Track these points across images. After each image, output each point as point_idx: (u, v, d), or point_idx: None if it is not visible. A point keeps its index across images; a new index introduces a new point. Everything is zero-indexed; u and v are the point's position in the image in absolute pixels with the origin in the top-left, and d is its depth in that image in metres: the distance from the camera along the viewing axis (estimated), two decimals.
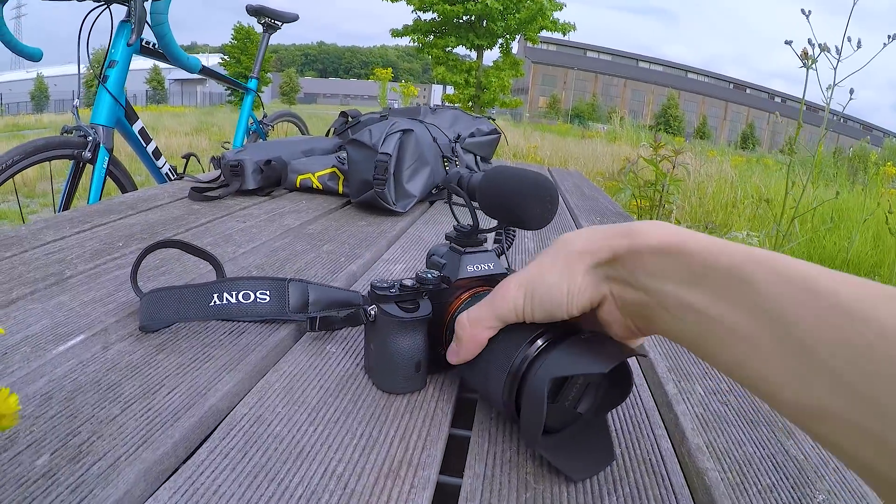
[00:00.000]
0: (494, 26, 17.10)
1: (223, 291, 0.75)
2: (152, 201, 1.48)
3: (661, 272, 0.46)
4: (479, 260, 0.70)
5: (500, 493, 0.51)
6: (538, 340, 0.54)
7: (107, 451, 0.51)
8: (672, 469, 0.58)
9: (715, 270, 0.43)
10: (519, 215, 0.66)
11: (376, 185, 1.50)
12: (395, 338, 0.65)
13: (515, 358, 0.54)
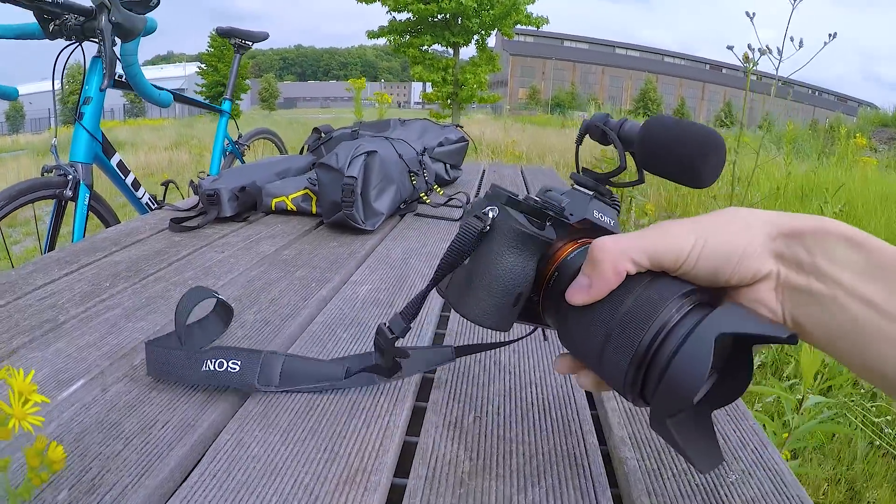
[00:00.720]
0: (469, 23, 17.19)
1: (207, 359, 0.78)
2: (134, 235, 1.56)
3: (843, 259, 0.44)
4: (604, 210, 0.62)
5: (438, 491, 0.61)
6: (694, 295, 0.49)
7: (115, 482, 0.60)
8: (594, 460, 0.67)
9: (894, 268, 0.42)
10: (693, 166, 0.57)
11: (345, 207, 1.58)
12: (507, 253, 0.57)
13: (667, 307, 0.47)
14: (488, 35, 18.07)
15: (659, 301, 0.48)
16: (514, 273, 0.57)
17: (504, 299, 0.58)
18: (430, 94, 18.26)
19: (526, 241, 0.57)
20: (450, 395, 0.81)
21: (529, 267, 0.58)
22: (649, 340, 0.47)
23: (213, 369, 0.76)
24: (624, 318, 0.49)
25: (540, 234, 0.57)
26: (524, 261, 0.58)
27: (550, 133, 13.60)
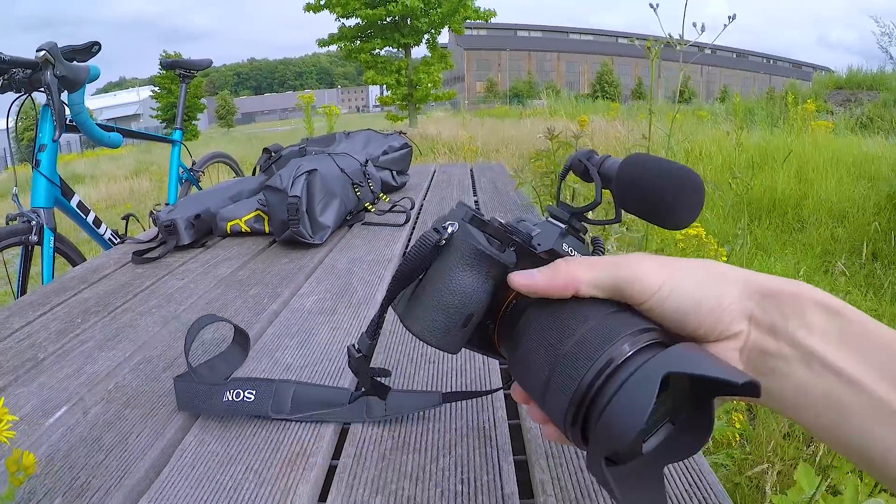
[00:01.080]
0: (418, 23, 17.25)
1: (227, 390, 0.86)
2: (100, 271, 1.66)
3: (818, 327, 0.42)
4: (576, 245, 0.60)
5: (364, 465, 0.75)
6: (653, 332, 0.46)
7: (100, 485, 0.72)
8: (501, 432, 0.81)
9: (870, 339, 0.41)
10: (667, 207, 0.55)
11: (292, 225, 1.70)
12: (461, 270, 0.55)
13: (619, 340, 0.45)
14: (438, 34, 18.13)
15: (611, 334, 0.46)
16: (467, 292, 0.55)
17: (453, 318, 0.56)
18: (385, 98, 18.32)
19: (482, 260, 0.54)
20: None
21: (483, 289, 0.56)
22: (593, 377, 0.44)
23: (231, 399, 0.84)
24: (572, 349, 0.47)
25: (498, 256, 0.55)
26: (478, 281, 0.55)
27: (508, 125, 13.67)
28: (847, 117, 10.38)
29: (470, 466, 0.75)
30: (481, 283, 0.55)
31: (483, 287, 0.55)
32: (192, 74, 3.42)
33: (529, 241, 0.57)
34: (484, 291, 0.56)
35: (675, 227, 0.56)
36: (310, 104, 4.93)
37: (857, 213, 4.41)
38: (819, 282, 3.44)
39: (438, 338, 0.56)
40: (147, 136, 3.42)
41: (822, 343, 0.42)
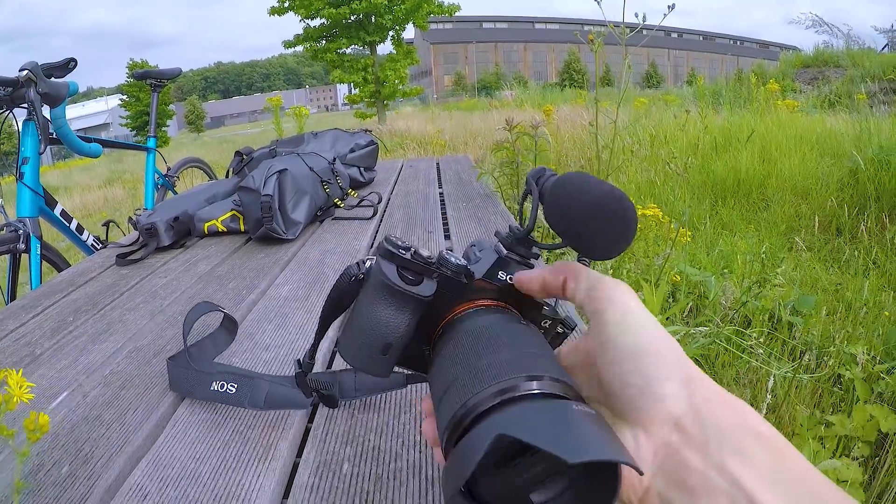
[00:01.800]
0: (382, 20, 17.23)
1: (214, 380, 0.93)
2: (86, 274, 1.75)
3: (754, 461, 0.37)
4: (516, 272, 0.58)
5: (336, 423, 0.86)
6: (544, 381, 0.43)
7: (103, 454, 0.84)
8: None
9: (803, 485, 0.36)
10: (582, 235, 0.52)
11: (266, 222, 1.81)
12: (376, 303, 0.56)
13: (521, 378, 0.43)
14: (403, 30, 18.13)
15: (521, 368, 0.44)
16: (382, 324, 0.56)
17: (372, 347, 0.57)
18: (353, 96, 18.33)
19: (393, 294, 0.55)
20: None
21: (401, 320, 0.56)
22: (461, 414, 0.42)
23: (217, 389, 0.91)
24: (475, 371, 0.45)
25: (409, 290, 0.55)
26: (394, 313, 0.56)
27: (476, 118, 13.66)
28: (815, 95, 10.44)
29: None
30: (398, 315, 0.56)
31: (400, 318, 0.56)
32: (163, 83, 3.49)
33: (459, 272, 0.57)
34: (402, 322, 0.56)
35: (599, 257, 0.53)
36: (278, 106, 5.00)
37: (821, 190, 4.48)
38: (784, 258, 3.52)
39: (363, 363, 0.58)
40: (123, 146, 3.50)
41: (754, 476, 0.36)
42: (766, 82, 8.35)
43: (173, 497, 0.73)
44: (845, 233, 3.90)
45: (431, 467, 0.76)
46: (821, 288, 3.06)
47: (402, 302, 0.56)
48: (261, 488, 0.74)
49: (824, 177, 4.71)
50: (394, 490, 0.73)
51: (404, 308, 0.56)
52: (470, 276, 0.57)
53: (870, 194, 4.07)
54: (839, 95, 9.80)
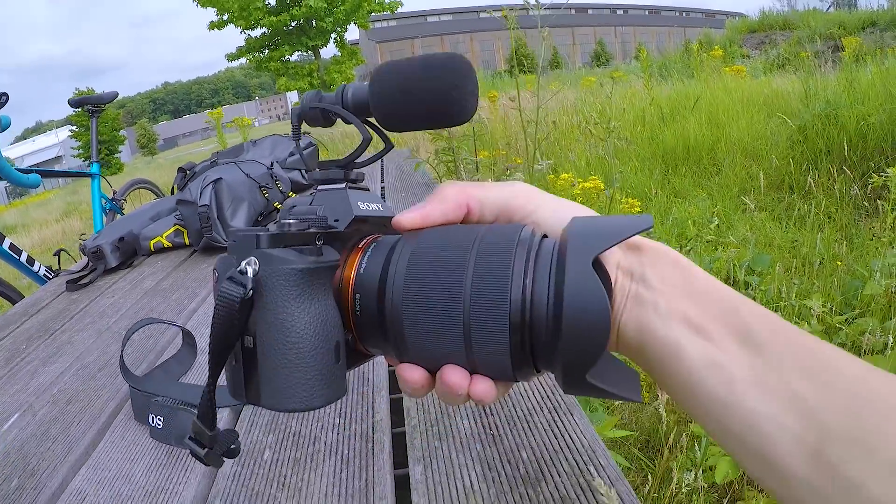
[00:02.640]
0: (323, 24, 17.21)
1: (151, 412, 0.90)
2: (39, 303, 1.78)
3: (667, 276, 0.44)
4: (366, 198, 0.55)
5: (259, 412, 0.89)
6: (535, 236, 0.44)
7: (48, 465, 0.88)
8: (378, 373, 0.97)
9: (711, 293, 0.42)
10: (450, 101, 0.51)
11: (205, 232, 1.84)
12: (297, 306, 0.44)
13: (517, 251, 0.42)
14: (345, 31, 18.12)
15: (503, 253, 0.42)
16: (318, 325, 0.45)
17: (323, 362, 0.45)
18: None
19: (312, 278, 0.45)
20: None
21: (330, 307, 0.47)
22: (519, 302, 0.41)
23: (152, 423, 0.88)
24: (474, 289, 0.42)
25: (324, 262, 0.46)
26: (322, 304, 0.46)
27: None
28: (763, 60, 10.54)
29: (347, 403, 0.91)
30: (325, 303, 0.46)
31: (329, 305, 0.47)
32: (101, 108, 3.51)
33: (326, 224, 0.50)
34: (332, 308, 0.47)
35: (463, 119, 0.53)
36: (219, 120, 5.03)
37: (771, 150, 4.54)
38: (738, 220, 3.59)
39: (325, 392, 0.46)
40: (64, 174, 3.52)
41: (670, 289, 0.42)
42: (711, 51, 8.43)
43: (108, 496, 0.77)
44: (797, 190, 3.96)
45: (347, 447, 0.80)
46: (776, 246, 3.13)
47: (323, 281, 0.46)
48: (187, 481, 0.78)
49: (773, 136, 4.77)
50: (310, 472, 0.76)
51: (326, 288, 0.47)
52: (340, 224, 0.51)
53: (820, 149, 4.13)
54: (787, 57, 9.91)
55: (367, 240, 0.52)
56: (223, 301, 0.42)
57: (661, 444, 1.68)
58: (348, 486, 0.72)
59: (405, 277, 0.45)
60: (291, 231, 0.46)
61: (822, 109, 4.24)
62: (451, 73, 0.51)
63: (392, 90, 0.52)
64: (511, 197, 0.49)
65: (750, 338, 0.38)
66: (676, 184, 4.58)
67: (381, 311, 0.46)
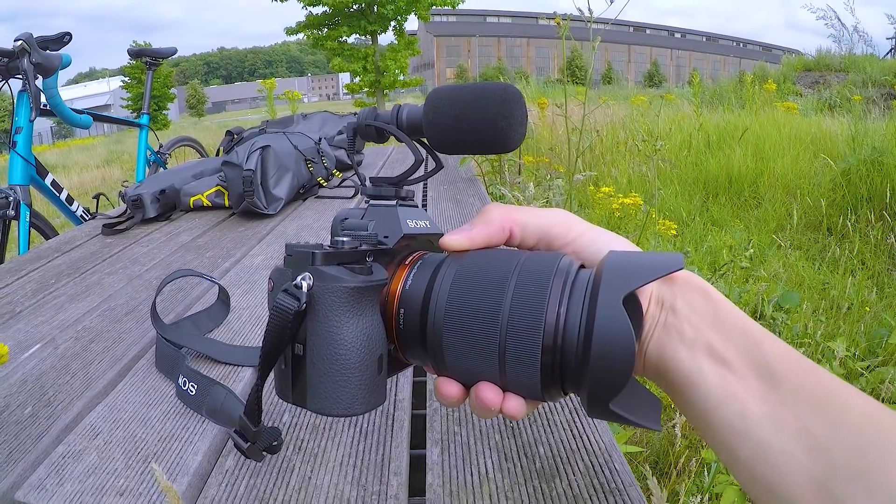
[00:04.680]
0: (384, 10, 17.20)
1: (181, 374, 0.86)
2: (73, 242, 1.80)
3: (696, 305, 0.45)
4: (415, 215, 0.57)
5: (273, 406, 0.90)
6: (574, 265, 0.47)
7: (65, 398, 0.88)
8: None
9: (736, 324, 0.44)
10: (499, 129, 0.53)
11: (247, 196, 1.86)
12: (346, 321, 0.47)
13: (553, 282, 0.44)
14: (405, 20, 18.08)
15: (541, 280, 0.44)
16: (364, 338, 0.48)
17: (367, 374, 0.49)
18: (353, 85, 18.31)
19: (361, 295, 0.48)
20: None
21: (376, 322, 0.49)
22: (552, 329, 0.43)
23: (180, 385, 0.86)
24: (512, 312, 0.44)
25: (373, 281, 0.48)
26: (369, 319, 0.49)
27: None
28: (815, 99, 10.44)
29: None
30: (372, 319, 0.49)
31: (375, 321, 0.49)
32: (158, 62, 3.55)
33: (377, 241, 0.53)
34: (378, 324, 0.50)
35: (509, 147, 0.55)
36: (272, 90, 5.08)
37: (813, 189, 4.50)
38: (772, 256, 3.56)
39: (366, 401, 0.49)
40: (116, 120, 3.55)
41: (697, 318, 0.44)
42: (765, 84, 8.37)
43: (121, 436, 0.78)
44: (835, 232, 3.93)
45: (367, 421, 0.80)
46: (806, 286, 3.10)
47: (371, 299, 0.49)
48: (204, 432, 0.78)
49: (817, 176, 4.74)
50: (327, 440, 0.76)
51: (374, 304, 0.50)
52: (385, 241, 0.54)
53: (861, 195, 4.09)
54: (839, 99, 9.80)
55: (415, 256, 0.55)
56: (278, 311, 0.47)
57: (671, 466, 1.67)
58: (364, 458, 0.73)
59: (448, 298, 0.48)
60: (344, 249, 0.49)
61: (868, 155, 4.20)
62: (502, 105, 0.53)
63: (446, 117, 0.55)
64: (552, 224, 0.52)
65: (768, 372, 0.40)
66: (715, 212, 4.56)
67: (422, 327, 0.49)
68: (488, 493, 0.66)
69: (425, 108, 0.56)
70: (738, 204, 4.77)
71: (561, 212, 0.53)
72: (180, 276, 1.12)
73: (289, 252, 0.49)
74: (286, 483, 0.69)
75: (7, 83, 2.29)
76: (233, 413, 0.76)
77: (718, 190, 5.02)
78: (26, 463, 0.73)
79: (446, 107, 0.55)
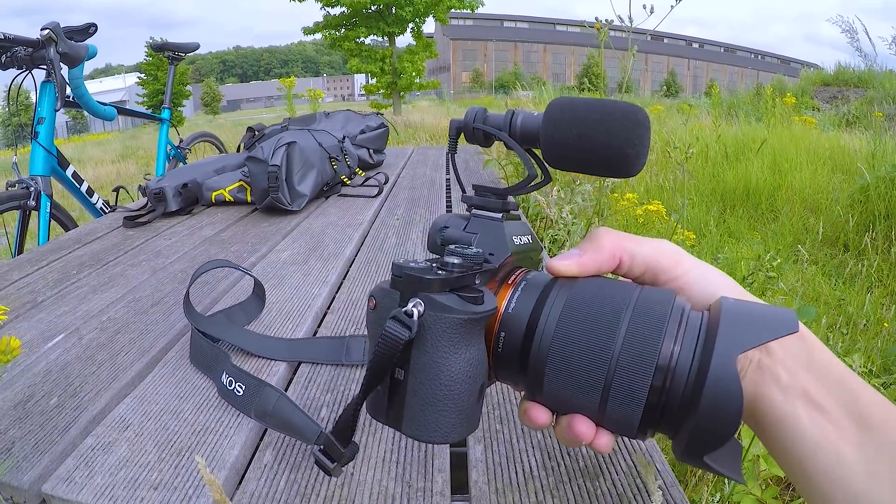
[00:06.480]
0: (403, 12, 17.19)
1: (225, 371, 0.84)
2: (93, 234, 1.78)
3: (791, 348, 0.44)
4: (518, 229, 0.54)
5: (320, 372, 0.90)
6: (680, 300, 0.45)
7: (91, 388, 0.86)
8: None
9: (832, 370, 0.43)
10: (621, 155, 0.49)
11: (272, 192, 1.84)
12: (454, 351, 0.46)
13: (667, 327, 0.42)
14: (423, 23, 18.08)
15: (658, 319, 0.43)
16: (470, 369, 0.46)
17: (468, 402, 0.47)
18: (370, 86, 18.32)
19: (472, 326, 0.46)
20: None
21: (482, 351, 0.48)
22: (665, 368, 0.42)
23: (225, 384, 0.83)
24: (625, 349, 0.43)
25: (484, 312, 0.46)
26: (475, 349, 0.47)
27: None
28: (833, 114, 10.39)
29: None
30: (478, 347, 0.47)
31: (480, 349, 0.47)
32: (180, 56, 3.54)
33: (481, 261, 0.50)
34: (482, 352, 0.48)
35: (629, 173, 0.50)
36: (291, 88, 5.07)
37: (831, 205, 4.47)
38: (788, 270, 3.53)
39: (463, 428, 0.48)
40: (138, 114, 3.54)
41: (793, 363, 0.43)
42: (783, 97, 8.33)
43: (153, 428, 0.76)
44: (852, 248, 3.90)
45: None
46: (823, 301, 3.08)
47: (477, 331, 0.47)
48: (239, 426, 0.77)
49: (835, 192, 4.70)
50: (368, 435, 0.75)
51: (480, 331, 0.47)
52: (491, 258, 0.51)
53: (879, 212, 4.06)
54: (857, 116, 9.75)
55: (518, 275, 0.52)
56: (388, 339, 0.44)
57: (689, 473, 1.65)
58: (407, 455, 0.71)
59: (556, 328, 0.46)
60: (455, 275, 0.46)
61: (887, 172, 4.16)
62: (632, 131, 0.49)
63: (568, 134, 0.51)
64: (660, 256, 0.50)
65: (864, 420, 0.40)
66: (732, 224, 4.53)
67: (524, 353, 0.47)
68: (534, 491, 0.65)
69: (544, 122, 0.52)
70: (755, 217, 4.73)
71: (667, 243, 0.51)
72: (215, 267, 1.09)
73: (397, 273, 0.47)
74: (328, 479, 0.67)
75: (31, 73, 2.28)
76: (288, 418, 0.73)
77: (735, 202, 4.98)
78: (53, 454, 0.71)
79: (569, 124, 0.51)
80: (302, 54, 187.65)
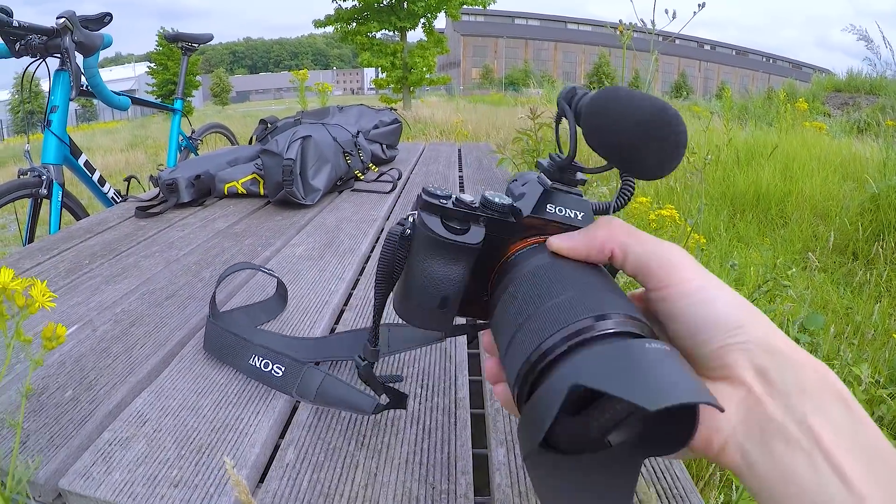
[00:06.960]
0: (415, 7, 17.15)
1: (255, 354, 0.86)
2: (105, 224, 1.78)
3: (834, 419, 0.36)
4: (565, 202, 0.54)
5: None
6: (607, 321, 0.40)
7: (107, 381, 0.85)
8: (460, 352, 0.94)
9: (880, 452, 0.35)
10: (634, 153, 0.47)
11: (286, 185, 1.83)
12: (425, 259, 0.54)
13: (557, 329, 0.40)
14: (434, 18, 18.04)
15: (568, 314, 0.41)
16: (436, 278, 0.54)
17: (429, 302, 0.56)
18: (381, 80, 18.30)
19: (440, 246, 0.53)
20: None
21: (453, 271, 0.54)
22: (533, 361, 0.40)
23: (257, 366, 0.84)
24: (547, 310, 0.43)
25: (456, 241, 0.52)
26: (445, 266, 0.54)
27: (501, 112, 13.63)
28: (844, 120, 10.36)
29: (429, 375, 0.88)
30: (449, 266, 0.54)
31: (453, 270, 0.54)
32: (194, 47, 3.53)
33: (507, 212, 0.53)
34: (453, 274, 0.54)
35: (646, 175, 0.48)
36: (304, 80, 5.05)
37: (841, 213, 4.46)
38: (797, 277, 3.52)
39: (422, 320, 0.57)
40: (152, 104, 3.54)
41: (835, 440, 0.35)
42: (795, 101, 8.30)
43: (171, 425, 0.75)
44: (861, 257, 3.89)
45: (429, 419, 0.78)
46: (831, 309, 3.06)
47: (451, 253, 0.53)
48: (259, 423, 0.76)
49: (845, 200, 4.68)
50: (390, 436, 0.74)
51: (456, 259, 0.54)
52: (518, 214, 0.53)
53: (889, 221, 4.04)
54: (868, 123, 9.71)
55: (537, 238, 0.54)
56: (389, 236, 0.56)
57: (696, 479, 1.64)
58: (430, 457, 0.71)
59: (511, 288, 0.50)
60: (452, 207, 0.53)
61: None
62: (650, 128, 0.46)
63: (596, 122, 0.48)
64: (651, 261, 0.46)
65: None
66: (741, 229, 4.51)
67: (503, 280, 0.52)
68: None
69: (586, 105, 0.49)
70: (765, 222, 4.71)
71: (674, 250, 0.46)
72: (240, 270, 1.07)
73: (424, 190, 0.55)
74: (351, 479, 0.67)
75: (45, 61, 2.27)
76: (342, 395, 0.77)
77: (745, 207, 4.96)
78: (69, 449, 0.70)
79: (598, 111, 0.48)
80: (312, 47, 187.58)
